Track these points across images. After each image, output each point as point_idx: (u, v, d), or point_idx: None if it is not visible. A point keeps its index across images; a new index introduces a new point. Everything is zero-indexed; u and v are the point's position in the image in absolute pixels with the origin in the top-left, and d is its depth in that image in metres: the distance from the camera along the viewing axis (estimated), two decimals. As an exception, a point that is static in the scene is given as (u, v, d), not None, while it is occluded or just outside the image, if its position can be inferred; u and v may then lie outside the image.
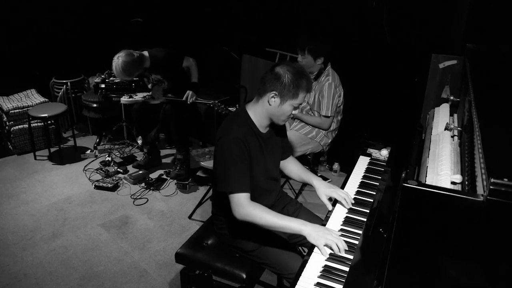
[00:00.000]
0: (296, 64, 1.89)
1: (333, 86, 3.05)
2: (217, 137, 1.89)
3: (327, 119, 3.12)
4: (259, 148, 1.92)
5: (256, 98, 1.92)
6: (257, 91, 1.91)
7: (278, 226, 1.76)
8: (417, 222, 1.20)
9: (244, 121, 1.91)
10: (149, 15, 4.90)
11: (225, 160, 1.82)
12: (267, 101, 1.85)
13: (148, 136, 3.95)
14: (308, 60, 3.06)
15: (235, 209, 1.80)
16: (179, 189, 3.65)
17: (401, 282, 1.03)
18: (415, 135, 2.30)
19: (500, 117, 1.51)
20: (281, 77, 1.81)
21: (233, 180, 1.79)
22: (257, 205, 1.80)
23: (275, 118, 1.90)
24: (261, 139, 1.94)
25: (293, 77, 1.80)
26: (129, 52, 3.42)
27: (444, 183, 1.48)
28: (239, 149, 1.80)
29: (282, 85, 1.80)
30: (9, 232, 3.09)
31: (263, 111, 1.90)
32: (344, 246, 1.67)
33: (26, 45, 4.66)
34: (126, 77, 3.51)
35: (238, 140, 1.81)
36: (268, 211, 1.79)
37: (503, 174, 1.07)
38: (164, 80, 3.71)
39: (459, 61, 2.85)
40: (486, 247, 1.07)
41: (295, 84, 1.80)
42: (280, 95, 1.82)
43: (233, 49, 4.50)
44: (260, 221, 1.76)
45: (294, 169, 2.20)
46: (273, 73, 1.83)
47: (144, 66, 3.54)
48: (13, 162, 4.12)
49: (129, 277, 2.67)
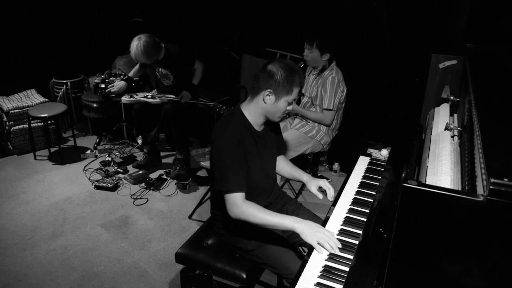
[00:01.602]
0: (287, 61, 1.91)
1: (336, 80, 3.04)
2: (213, 136, 1.89)
3: (329, 113, 3.10)
4: (255, 147, 1.93)
5: (250, 97, 1.93)
6: (250, 90, 1.93)
7: (271, 224, 1.78)
8: (417, 222, 1.20)
9: (239, 120, 1.92)
10: (149, 15, 4.90)
11: (221, 159, 1.83)
12: (262, 99, 1.86)
13: (148, 136, 3.95)
14: (315, 55, 3.05)
15: (230, 208, 1.82)
16: (179, 189, 3.65)
17: (401, 282, 1.03)
18: (415, 135, 2.30)
19: (500, 117, 1.51)
20: (274, 74, 1.82)
21: (229, 179, 1.80)
22: (251, 204, 1.81)
23: (270, 115, 1.92)
24: (257, 137, 1.95)
25: (286, 73, 1.82)
26: (149, 35, 3.49)
27: (444, 183, 1.48)
28: (235, 147, 1.82)
29: (276, 83, 1.82)
30: (9, 232, 3.09)
31: (258, 109, 1.91)
32: (337, 244, 1.68)
33: (26, 45, 4.66)
34: (145, 59, 3.52)
35: (234, 139, 1.82)
36: (262, 209, 1.81)
37: (503, 174, 1.07)
38: (170, 75, 3.73)
39: (459, 61, 2.85)
40: (486, 247, 1.07)
41: (289, 80, 1.82)
42: (275, 92, 1.84)
43: (233, 49, 4.50)
44: (254, 219, 1.78)
45: (283, 166, 2.23)
46: (266, 71, 1.84)
47: (160, 55, 3.59)
48: (13, 162, 4.12)
49: (129, 277, 2.67)
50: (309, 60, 3.14)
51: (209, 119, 4.26)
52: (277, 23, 4.05)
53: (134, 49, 3.46)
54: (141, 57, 3.48)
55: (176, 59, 3.65)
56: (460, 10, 3.00)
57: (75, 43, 4.99)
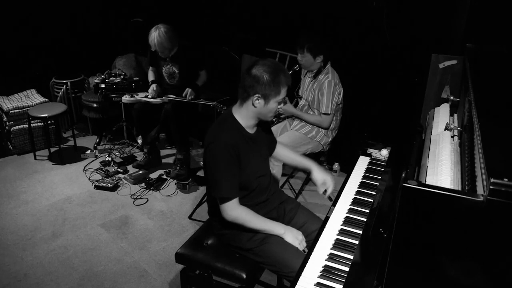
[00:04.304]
0: (269, 61, 1.89)
1: (333, 84, 3.05)
2: (206, 143, 1.92)
3: (327, 117, 3.12)
4: (249, 150, 1.95)
5: (240, 102, 1.94)
6: (238, 95, 1.93)
7: (263, 229, 1.96)
8: (417, 222, 1.20)
9: (231, 125, 1.94)
10: (149, 15, 4.90)
11: (215, 166, 1.88)
12: (252, 103, 1.88)
13: (148, 136, 3.95)
14: (308, 59, 3.07)
15: (225, 213, 1.93)
16: (179, 189, 3.65)
17: (401, 282, 1.03)
18: (415, 135, 2.30)
19: (500, 117, 1.51)
20: (259, 79, 1.83)
21: (222, 186, 1.88)
22: (245, 209, 1.94)
23: (262, 116, 1.95)
24: (250, 140, 1.97)
25: (271, 75, 1.83)
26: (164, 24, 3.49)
27: (444, 183, 1.48)
28: (228, 155, 1.85)
29: (263, 86, 1.83)
30: (9, 232, 3.09)
31: (249, 113, 1.93)
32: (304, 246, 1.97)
33: (26, 45, 4.66)
34: (168, 45, 3.51)
35: (228, 146, 1.85)
36: (255, 215, 1.95)
37: (503, 174, 1.06)
38: (177, 74, 3.73)
39: (459, 61, 2.84)
40: (486, 247, 1.07)
41: (275, 82, 1.84)
42: (263, 96, 1.85)
43: (233, 49, 4.50)
44: (248, 223, 1.93)
45: (287, 154, 2.29)
46: (250, 76, 1.85)
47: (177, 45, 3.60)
48: (13, 162, 4.12)
49: (129, 277, 2.67)
50: (303, 64, 3.15)
51: (209, 119, 4.25)
52: (277, 23, 4.04)
53: (156, 38, 3.44)
54: (165, 43, 3.47)
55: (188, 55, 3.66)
56: (460, 10, 2.99)
57: (75, 43, 4.99)
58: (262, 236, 1.97)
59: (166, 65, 3.75)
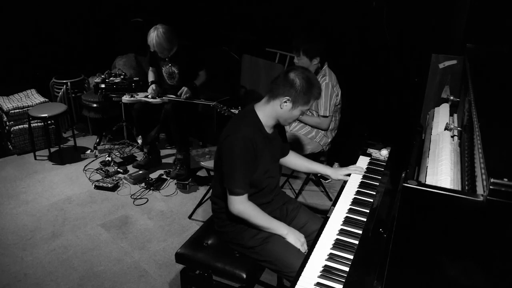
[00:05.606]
0: (308, 72, 1.95)
1: (330, 86, 3.05)
2: (224, 134, 1.94)
3: (326, 119, 3.12)
4: (264, 148, 1.97)
5: (267, 99, 1.96)
6: (268, 92, 1.96)
7: (267, 227, 1.96)
8: (417, 222, 1.20)
9: (252, 121, 1.96)
10: (149, 15, 4.90)
11: (232, 157, 1.88)
12: (279, 105, 1.91)
13: (148, 136, 3.95)
14: (304, 61, 3.06)
15: (232, 205, 1.93)
16: (179, 189, 3.65)
17: (401, 282, 1.03)
18: (415, 135, 2.30)
19: (500, 117, 1.51)
20: (295, 84, 1.87)
21: (236, 178, 1.88)
22: (252, 205, 1.95)
23: (282, 120, 1.98)
24: (267, 139, 2.00)
25: (307, 85, 1.88)
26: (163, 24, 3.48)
27: (444, 183, 1.48)
28: (246, 148, 1.87)
29: (296, 92, 1.87)
30: (9, 232, 3.09)
31: (272, 113, 1.96)
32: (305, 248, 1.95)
33: (26, 45, 4.66)
34: (167, 45, 3.51)
35: (247, 140, 1.87)
36: (261, 212, 1.96)
37: (503, 174, 1.06)
38: (177, 74, 3.73)
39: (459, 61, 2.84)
40: (486, 247, 1.07)
41: (308, 92, 1.89)
42: (293, 101, 1.89)
43: (233, 49, 4.50)
44: (253, 219, 1.93)
45: (299, 162, 2.34)
46: (287, 78, 1.89)
47: (176, 45, 3.60)
48: (13, 162, 4.12)
49: (129, 277, 2.67)
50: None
51: (209, 119, 4.26)
52: (277, 23, 4.05)
53: (154, 38, 3.43)
54: (163, 44, 3.46)
55: (190, 53, 3.65)
56: (460, 10, 3.00)
57: (75, 43, 4.99)
58: (264, 235, 1.98)
59: (165, 65, 3.75)
